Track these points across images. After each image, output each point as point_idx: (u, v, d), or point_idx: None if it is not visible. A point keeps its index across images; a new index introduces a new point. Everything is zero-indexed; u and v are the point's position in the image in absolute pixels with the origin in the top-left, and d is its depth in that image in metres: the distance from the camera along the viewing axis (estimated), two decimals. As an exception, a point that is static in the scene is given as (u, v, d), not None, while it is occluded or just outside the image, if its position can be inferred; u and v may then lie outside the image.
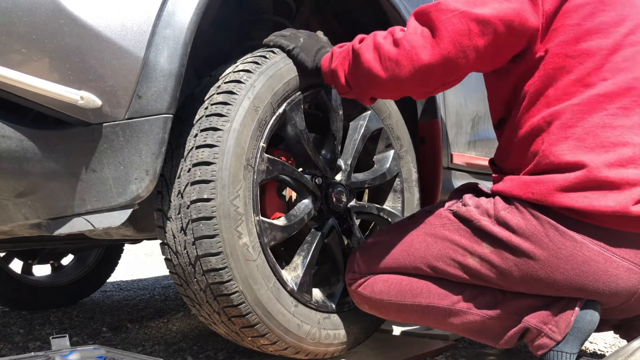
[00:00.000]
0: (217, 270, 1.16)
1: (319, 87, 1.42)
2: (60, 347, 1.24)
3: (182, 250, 1.19)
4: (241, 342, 1.31)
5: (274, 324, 1.24)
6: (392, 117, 1.66)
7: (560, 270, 1.06)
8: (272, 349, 1.28)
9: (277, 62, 1.32)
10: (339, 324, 1.40)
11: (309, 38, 1.37)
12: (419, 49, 1.11)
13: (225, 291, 1.17)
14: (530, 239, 1.07)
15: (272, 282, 1.25)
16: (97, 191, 1.09)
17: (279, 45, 1.36)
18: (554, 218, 1.06)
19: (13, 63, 0.98)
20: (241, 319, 1.21)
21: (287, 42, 1.35)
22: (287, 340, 1.27)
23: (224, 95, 1.22)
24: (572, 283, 1.06)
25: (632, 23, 1.11)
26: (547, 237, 1.06)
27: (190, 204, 1.16)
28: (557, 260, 1.05)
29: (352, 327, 1.43)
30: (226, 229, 1.16)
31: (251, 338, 1.25)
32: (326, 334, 1.35)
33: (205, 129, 1.19)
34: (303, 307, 1.31)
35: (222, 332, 1.31)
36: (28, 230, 1.18)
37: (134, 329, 2.23)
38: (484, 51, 1.10)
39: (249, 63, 1.29)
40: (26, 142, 1.03)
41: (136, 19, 1.08)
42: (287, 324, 1.26)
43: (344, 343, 1.40)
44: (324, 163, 1.43)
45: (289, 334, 1.26)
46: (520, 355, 1.53)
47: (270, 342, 1.26)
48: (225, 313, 1.22)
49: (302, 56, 1.33)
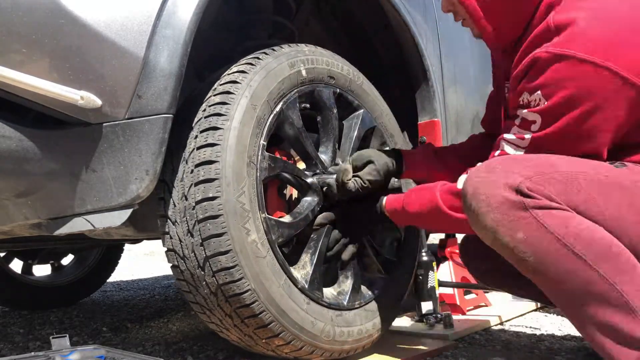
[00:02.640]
0: (228, 269, 1.15)
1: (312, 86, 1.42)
2: (60, 347, 1.24)
3: (189, 253, 1.18)
4: (255, 347, 1.29)
5: (288, 322, 1.22)
6: (384, 116, 1.67)
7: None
8: (288, 349, 1.27)
9: (270, 62, 1.32)
10: (351, 321, 1.39)
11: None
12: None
13: (237, 290, 1.16)
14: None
15: (283, 279, 1.24)
16: (97, 191, 1.09)
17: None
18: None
19: (13, 63, 0.98)
20: (255, 319, 1.19)
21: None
22: (302, 338, 1.25)
23: (221, 96, 1.23)
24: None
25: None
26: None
27: (195, 204, 1.16)
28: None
29: (365, 324, 1.42)
30: (234, 226, 1.15)
31: (265, 340, 1.23)
32: (340, 331, 1.34)
33: (205, 129, 1.19)
34: (315, 305, 1.30)
35: (235, 338, 1.29)
36: (28, 230, 1.18)
37: (134, 328, 2.23)
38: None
39: (243, 64, 1.30)
40: (26, 142, 1.03)
41: (136, 19, 1.08)
42: (302, 322, 1.25)
43: (358, 340, 1.39)
44: (323, 161, 1.44)
45: (303, 331, 1.25)
46: (520, 354, 1.54)
47: (285, 342, 1.24)
48: (237, 315, 1.20)
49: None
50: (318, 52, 1.48)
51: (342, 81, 1.52)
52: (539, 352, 1.57)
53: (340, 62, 1.54)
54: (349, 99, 1.56)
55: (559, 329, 1.88)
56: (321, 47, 1.51)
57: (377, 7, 1.73)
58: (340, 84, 1.52)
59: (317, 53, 1.46)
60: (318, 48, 1.50)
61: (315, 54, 1.46)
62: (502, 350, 1.59)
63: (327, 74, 1.47)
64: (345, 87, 1.54)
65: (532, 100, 1.10)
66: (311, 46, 1.48)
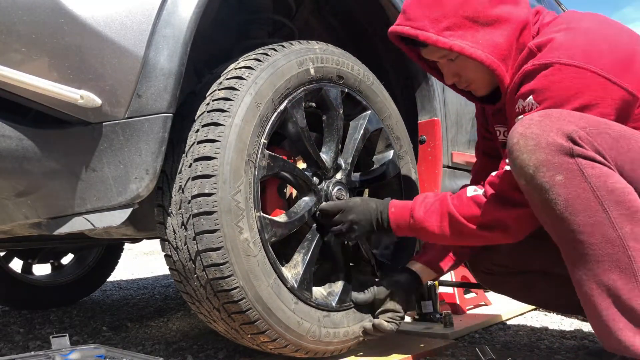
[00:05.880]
0: (218, 265, 1.16)
1: (320, 85, 1.42)
2: (60, 346, 1.24)
3: (182, 245, 1.19)
4: (240, 340, 1.31)
5: (274, 321, 1.24)
6: (392, 118, 1.66)
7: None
8: (272, 346, 1.28)
9: (279, 60, 1.32)
10: (339, 322, 1.39)
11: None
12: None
13: (225, 287, 1.17)
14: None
15: (272, 279, 1.25)
16: (97, 190, 1.09)
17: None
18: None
19: (13, 62, 0.98)
20: (241, 316, 1.21)
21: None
22: (287, 337, 1.27)
23: (226, 91, 1.23)
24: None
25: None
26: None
27: (191, 199, 1.16)
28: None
29: (352, 326, 1.43)
30: (227, 224, 1.16)
31: (251, 335, 1.25)
32: (326, 332, 1.35)
33: (207, 124, 1.19)
34: (303, 305, 1.31)
35: (222, 330, 1.31)
36: (28, 230, 1.18)
37: (134, 328, 2.23)
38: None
39: (250, 60, 1.29)
40: (26, 141, 1.03)
41: (136, 18, 1.08)
42: (287, 321, 1.26)
43: (344, 342, 1.40)
44: (324, 161, 1.43)
45: (289, 331, 1.26)
46: (520, 353, 1.54)
47: (270, 340, 1.26)
48: (225, 309, 1.21)
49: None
50: (329, 50, 1.47)
51: (351, 81, 1.52)
52: (538, 351, 1.57)
53: (351, 61, 1.53)
54: (357, 99, 1.55)
55: (559, 328, 1.88)
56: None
57: (377, 6, 1.73)
58: (349, 84, 1.52)
59: (327, 51, 1.46)
60: (329, 46, 1.49)
61: (326, 52, 1.45)
62: (502, 349, 1.59)
63: (337, 73, 1.47)
64: (354, 87, 1.54)
65: (527, 106, 1.17)
66: (322, 44, 1.47)
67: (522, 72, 1.18)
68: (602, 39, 1.15)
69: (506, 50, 1.22)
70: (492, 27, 1.21)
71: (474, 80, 1.31)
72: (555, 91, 1.12)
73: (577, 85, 1.11)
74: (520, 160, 1.06)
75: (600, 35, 1.16)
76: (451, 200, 1.26)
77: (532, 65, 1.16)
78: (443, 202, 1.27)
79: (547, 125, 1.05)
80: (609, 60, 1.11)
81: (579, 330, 1.83)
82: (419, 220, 1.30)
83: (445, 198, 1.28)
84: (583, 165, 1.02)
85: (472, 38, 1.21)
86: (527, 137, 1.06)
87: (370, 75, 1.60)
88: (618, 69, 1.11)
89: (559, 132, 1.03)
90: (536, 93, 1.14)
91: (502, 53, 1.22)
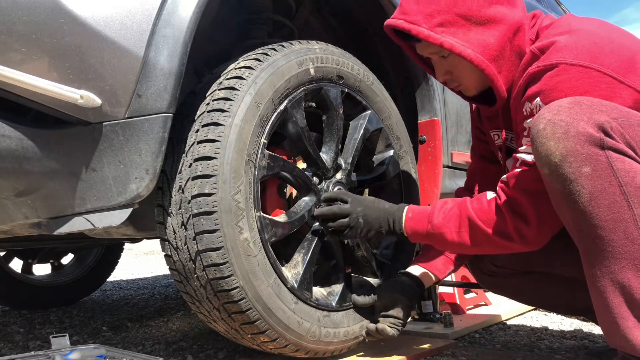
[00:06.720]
0: (218, 265, 1.16)
1: (320, 84, 1.42)
2: (60, 346, 1.24)
3: (182, 245, 1.19)
4: (240, 340, 1.31)
5: (274, 321, 1.24)
6: (392, 117, 1.66)
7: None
8: (272, 346, 1.28)
9: (279, 60, 1.32)
10: (339, 322, 1.39)
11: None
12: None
13: (225, 287, 1.17)
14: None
15: (272, 279, 1.25)
16: (97, 190, 1.09)
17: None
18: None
19: (13, 62, 0.98)
20: (241, 316, 1.21)
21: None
22: (287, 337, 1.27)
23: (226, 91, 1.23)
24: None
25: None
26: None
27: (191, 199, 1.16)
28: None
29: (352, 326, 1.43)
30: (227, 224, 1.16)
31: (251, 335, 1.25)
32: (326, 332, 1.35)
33: (207, 124, 1.19)
34: (303, 305, 1.31)
35: (222, 330, 1.31)
36: (28, 230, 1.18)
37: (134, 328, 2.23)
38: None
39: (250, 60, 1.29)
40: (26, 141, 1.03)
41: (136, 18, 1.08)
42: (288, 321, 1.26)
43: (344, 342, 1.40)
44: (324, 161, 1.43)
45: (289, 331, 1.26)
46: (520, 353, 1.54)
47: (270, 340, 1.26)
48: (225, 309, 1.22)
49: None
50: (329, 50, 1.47)
51: (351, 81, 1.52)
52: (538, 351, 1.57)
53: (351, 61, 1.53)
54: (357, 99, 1.56)
55: (559, 328, 1.88)
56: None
57: (377, 6, 1.73)
58: (349, 84, 1.52)
59: (327, 51, 1.46)
60: (329, 46, 1.49)
61: (326, 52, 1.45)
62: (502, 349, 1.59)
63: (337, 73, 1.47)
64: (354, 87, 1.54)
65: (534, 108, 1.13)
66: (322, 44, 1.47)
67: (527, 75, 1.16)
68: (605, 40, 1.14)
69: (497, 50, 1.21)
70: (484, 26, 1.20)
71: (463, 79, 1.30)
72: (562, 91, 1.09)
73: (585, 84, 1.08)
74: (547, 147, 1.01)
75: (604, 37, 1.15)
76: (470, 204, 1.24)
77: (536, 67, 1.14)
78: (462, 206, 1.25)
79: (578, 113, 1.00)
80: (615, 60, 1.10)
81: (579, 330, 1.83)
82: (437, 226, 1.27)
83: (465, 202, 1.25)
84: (613, 159, 0.97)
85: (463, 36, 1.20)
86: (555, 124, 1.01)
87: (370, 75, 1.60)
88: (624, 69, 1.10)
89: (589, 121, 0.99)
90: (543, 94, 1.12)
91: (492, 53, 1.21)
